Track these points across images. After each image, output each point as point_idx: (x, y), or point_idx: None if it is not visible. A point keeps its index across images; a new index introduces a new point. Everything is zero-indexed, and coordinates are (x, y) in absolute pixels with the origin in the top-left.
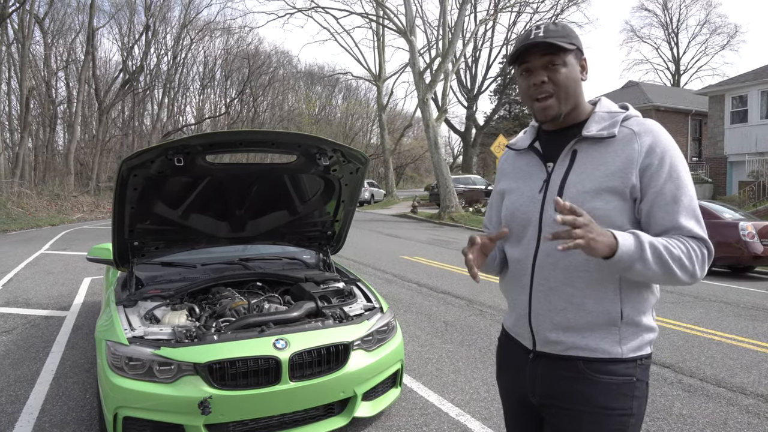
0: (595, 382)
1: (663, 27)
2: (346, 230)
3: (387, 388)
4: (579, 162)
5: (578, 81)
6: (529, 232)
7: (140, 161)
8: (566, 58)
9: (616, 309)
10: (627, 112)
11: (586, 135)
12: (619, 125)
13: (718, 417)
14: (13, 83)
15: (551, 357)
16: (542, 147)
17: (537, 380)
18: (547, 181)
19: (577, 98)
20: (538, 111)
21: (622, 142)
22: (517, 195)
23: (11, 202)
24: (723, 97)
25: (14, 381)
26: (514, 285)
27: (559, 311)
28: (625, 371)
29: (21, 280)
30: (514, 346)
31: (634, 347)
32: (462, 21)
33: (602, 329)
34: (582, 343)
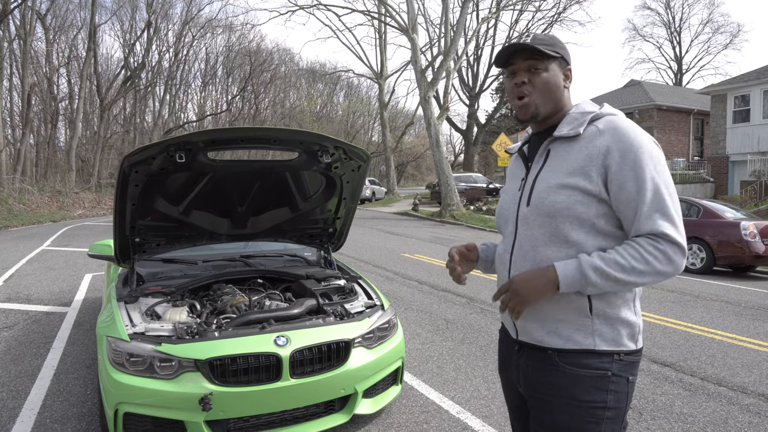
0: (567, 373)
1: (665, 26)
2: (348, 228)
3: (388, 386)
4: (550, 160)
5: (559, 87)
6: (509, 228)
7: (142, 158)
8: (549, 65)
9: (583, 302)
10: (598, 111)
11: (556, 135)
12: (586, 124)
13: (719, 416)
14: (14, 80)
15: (531, 348)
16: (528, 149)
17: (521, 372)
18: (524, 180)
19: (557, 103)
20: (517, 109)
21: (586, 140)
22: (505, 194)
23: (13, 198)
24: (725, 96)
25: (15, 376)
26: (499, 277)
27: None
28: (599, 365)
29: (22, 276)
30: (507, 338)
31: (608, 340)
32: (464, 19)
33: (574, 321)
34: (555, 334)
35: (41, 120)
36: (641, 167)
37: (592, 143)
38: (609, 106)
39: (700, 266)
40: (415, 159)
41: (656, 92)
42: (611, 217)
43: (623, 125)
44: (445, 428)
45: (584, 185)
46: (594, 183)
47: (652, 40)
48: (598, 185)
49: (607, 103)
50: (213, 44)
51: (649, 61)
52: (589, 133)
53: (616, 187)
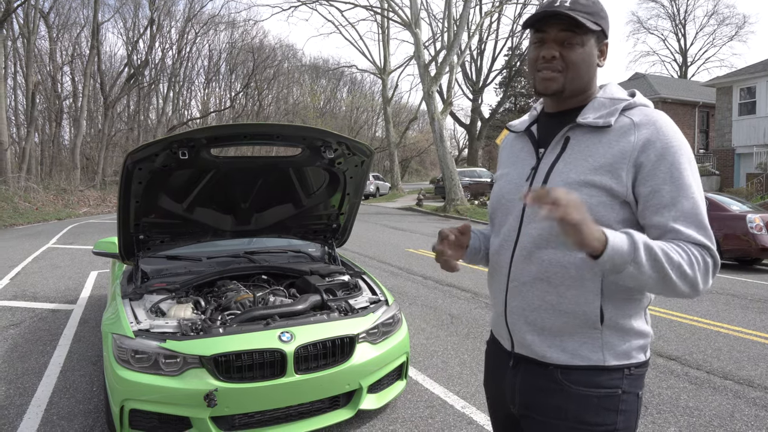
0: (572, 394)
1: (670, 18)
2: (351, 223)
3: (392, 381)
4: (569, 150)
5: (593, 66)
6: (510, 222)
7: (145, 155)
8: (585, 38)
9: (594, 311)
10: (632, 100)
11: (581, 122)
12: (618, 114)
13: (725, 410)
14: (18, 78)
15: (529, 363)
16: (538, 131)
17: (516, 390)
18: (535, 169)
19: (586, 83)
20: (539, 81)
21: (617, 133)
22: (505, 181)
23: (18, 197)
24: (731, 88)
25: (22, 373)
26: (493, 279)
27: (533, 309)
28: (609, 383)
29: (28, 273)
30: (498, 350)
31: (619, 354)
32: (467, 13)
33: (581, 333)
34: (558, 347)
35: (45, 118)
36: (680, 172)
37: (626, 138)
38: (641, 95)
39: None
40: (418, 154)
41: (661, 85)
42: (631, 223)
43: (663, 121)
44: (450, 423)
45: (611, 185)
46: (622, 184)
47: (656, 32)
48: (627, 186)
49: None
50: (216, 41)
51: (654, 53)
52: (622, 125)
53: (648, 190)
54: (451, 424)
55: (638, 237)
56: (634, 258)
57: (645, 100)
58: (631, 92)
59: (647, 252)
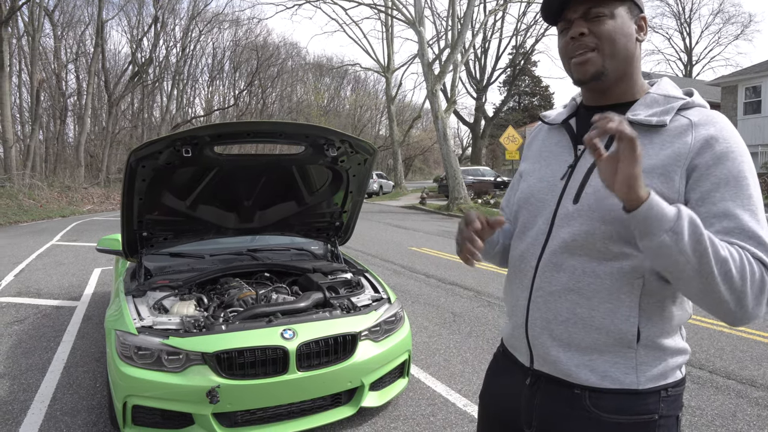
0: (603, 422)
1: (675, 17)
2: (354, 221)
3: (394, 379)
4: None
5: (631, 38)
6: (539, 224)
7: (148, 152)
8: (615, 9)
9: (631, 328)
10: (690, 99)
11: (631, 119)
12: (674, 113)
13: (728, 409)
14: (23, 76)
15: (551, 383)
16: (578, 125)
17: (534, 413)
18: (572, 167)
19: (628, 60)
20: (574, 68)
21: (673, 134)
22: (536, 178)
23: (23, 194)
24: (736, 87)
25: (26, 369)
26: (514, 286)
27: (561, 322)
28: (644, 408)
29: (32, 270)
30: (511, 364)
31: (654, 376)
32: (471, 11)
33: (613, 351)
34: (587, 367)
35: (50, 116)
36: (738, 180)
37: (682, 138)
38: (699, 95)
39: None
40: (422, 152)
41: None
42: None
43: (725, 123)
44: (452, 421)
45: (662, 190)
46: (675, 189)
47: (661, 31)
48: (679, 191)
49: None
50: (220, 39)
51: (659, 52)
52: (678, 125)
53: (698, 195)
54: (453, 422)
55: (685, 209)
56: (673, 227)
57: (703, 101)
58: (688, 91)
59: (692, 226)
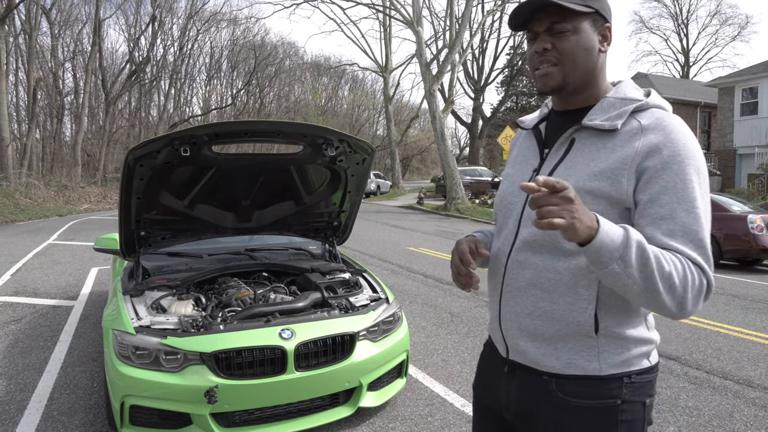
0: (568, 406)
1: (672, 18)
2: (352, 221)
3: (392, 379)
4: (573, 153)
5: (593, 51)
6: (510, 225)
7: (146, 151)
8: (578, 24)
9: (588, 319)
10: (644, 101)
11: (586, 124)
12: (627, 116)
13: (724, 409)
14: (20, 74)
15: (524, 371)
16: (546, 130)
17: (511, 398)
18: (537, 171)
19: (590, 72)
20: (537, 79)
21: (623, 138)
22: (509, 182)
23: (19, 193)
24: (733, 88)
25: (23, 369)
26: (491, 283)
27: (527, 315)
28: (606, 393)
29: (29, 270)
30: (493, 355)
31: (616, 363)
32: (469, 11)
33: (575, 340)
34: (552, 356)
35: (47, 114)
36: (684, 183)
37: (631, 143)
38: (657, 95)
39: None
40: (420, 152)
41: (663, 85)
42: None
43: (675, 125)
44: (449, 421)
45: (610, 192)
46: (623, 190)
47: (659, 32)
48: (627, 193)
49: (654, 90)
50: (217, 38)
51: (656, 53)
52: (629, 129)
53: (647, 197)
54: (451, 422)
55: (633, 234)
56: (622, 254)
57: (660, 101)
58: (647, 91)
59: (638, 251)
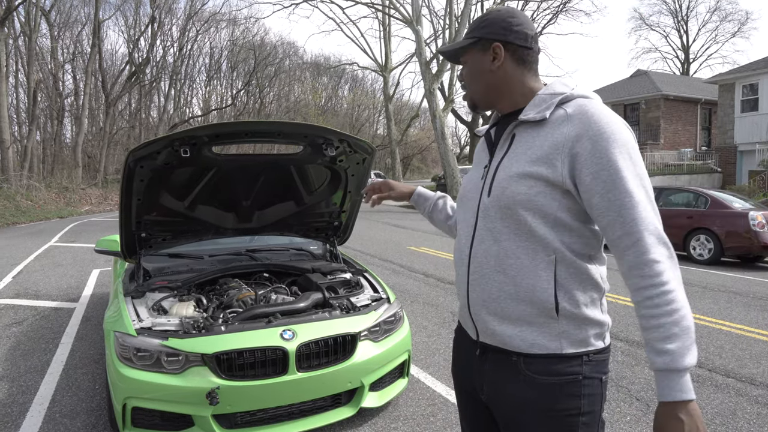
0: (536, 383)
1: (672, 14)
2: (353, 221)
3: (394, 379)
4: (514, 146)
5: (484, 72)
6: (468, 218)
7: (146, 152)
8: (467, 57)
9: (549, 300)
10: (568, 93)
11: (521, 118)
12: (554, 107)
13: (727, 407)
14: (20, 76)
15: (494, 351)
16: (495, 133)
17: (484, 379)
18: (487, 167)
19: (492, 88)
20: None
21: (553, 125)
22: (467, 181)
23: (20, 195)
24: (733, 85)
25: (25, 372)
26: (457, 272)
27: (493, 300)
28: (569, 369)
29: (30, 272)
30: (464, 338)
31: (576, 342)
32: (469, 10)
33: (539, 322)
34: (518, 337)
35: (47, 116)
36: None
37: (560, 129)
38: (582, 88)
39: (708, 257)
40: (420, 151)
41: (663, 82)
42: (577, 211)
43: (594, 110)
44: (452, 421)
45: (546, 175)
46: (558, 173)
47: (658, 29)
48: (563, 175)
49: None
50: (217, 39)
51: (656, 50)
52: (556, 117)
53: (589, 178)
54: (453, 422)
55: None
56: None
57: (585, 92)
58: (572, 86)
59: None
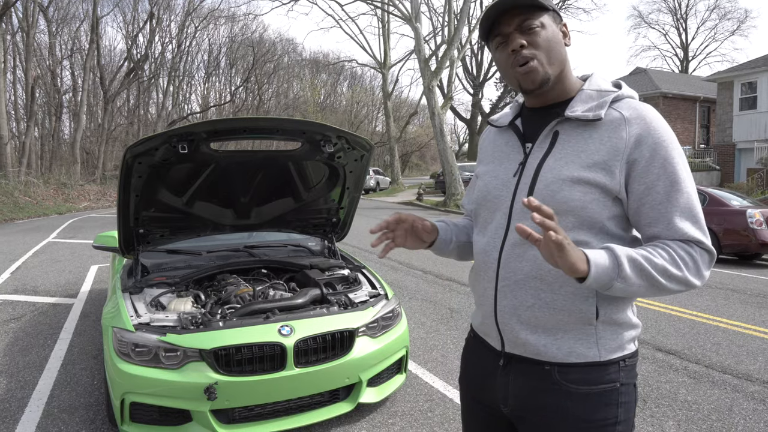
0: (572, 393)
1: (671, 12)
2: (351, 217)
3: (392, 375)
4: (560, 145)
5: (561, 44)
6: (497, 219)
7: (144, 149)
8: (543, 20)
9: (590, 307)
10: (618, 92)
11: (570, 115)
12: (608, 107)
13: (724, 403)
14: (18, 72)
15: (522, 362)
16: (523, 125)
17: (509, 391)
18: (522, 164)
19: (563, 64)
20: (521, 77)
21: (609, 128)
22: (491, 177)
23: (18, 191)
24: (732, 83)
25: (23, 367)
26: (480, 278)
27: (527, 308)
28: (607, 377)
29: (29, 268)
30: (483, 348)
31: (613, 348)
32: (468, 7)
33: (576, 329)
34: (553, 345)
35: (45, 113)
36: (673, 166)
37: (618, 134)
38: (627, 86)
39: None
40: (419, 149)
41: (662, 80)
42: (621, 219)
43: (652, 115)
44: (449, 416)
45: (604, 182)
46: (616, 181)
47: (657, 27)
48: (620, 183)
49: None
50: (216, 35)
51: (655, 48)
52: (612, 119)
53: (643, 187)
54: (451, 418)
55: (619, 251)
56: (618, 273)
57: (631, 91)
58: (616, 83)
59: (631, 264)
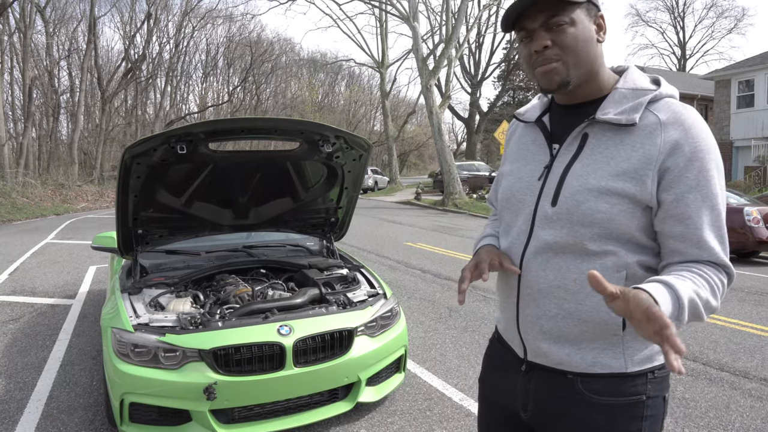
0: (595, 404)
1: (669, 11)
2: (350, 217)
3: (391, 374)
4: (588, 149)
5: (592, 42)
6: (520, 224)
7: (143, 149)
8: (573, 15)
9: (616, 319)
10: (657, 91)
11: (601, 118)
12: (643, 109)
13: (721, 401)
14: (15, 73)
15: (544, 370)
16: (551, 123)
17: (530, 397)
18: (548, 168)
19: (592, 64)
20: (540, 77)
21: (643, 133)
22: (515, 178)
23: (16, 192)
24: (729, 81)
25: (22, 368)
26: (503, 283)
27: (550, 318)
28: (633, 389)
29: (27, 269)
30: (506, 352)
31: (641, 359)
32: (465, 6)
33: (601, 340)
34: (577, 355)
35: (43, 113)
36: (707, 180)
37: (652, 140)
38: (666, 83)
39: None
40: (417, 148)
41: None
42: (650, 229)
43: (692, 120)
44: (448, 415)
45: (634, 193)
46: (647, 191)
47: (655, 25)
48: (651, 193)
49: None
50: (213, 35)
51: (653, 46)
52: (647, 124)
53: (672, 197)
54: (449, 416)
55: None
56: (677, 318)
57: (671, 90)
58: (654, 79)
59: (690, 307)
